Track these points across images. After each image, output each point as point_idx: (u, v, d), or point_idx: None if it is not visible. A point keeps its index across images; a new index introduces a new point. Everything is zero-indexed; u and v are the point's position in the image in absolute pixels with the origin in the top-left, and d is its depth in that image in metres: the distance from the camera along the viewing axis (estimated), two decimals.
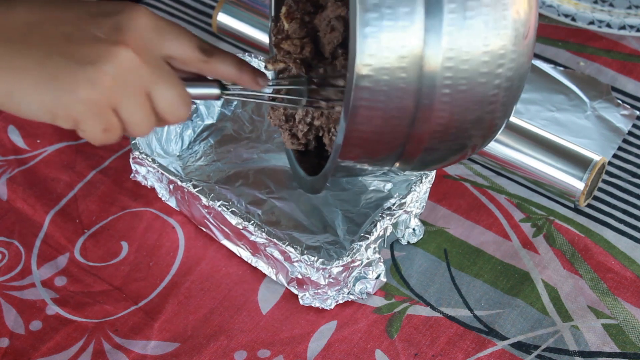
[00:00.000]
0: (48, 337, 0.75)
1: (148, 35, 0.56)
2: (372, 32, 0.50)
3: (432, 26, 0.50)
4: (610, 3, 1.01)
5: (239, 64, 0.60)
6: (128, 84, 0.55)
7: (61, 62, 0.54)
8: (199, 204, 0.77)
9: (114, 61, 0.54)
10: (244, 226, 0.74)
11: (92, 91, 0.54)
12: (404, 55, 0.51)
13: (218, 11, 0.96)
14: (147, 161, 0.79)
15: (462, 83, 0.52)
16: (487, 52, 0.52)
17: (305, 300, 0.75)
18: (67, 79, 0.54)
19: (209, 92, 0.61)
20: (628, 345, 0.74)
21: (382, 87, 0.51)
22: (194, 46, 0.58)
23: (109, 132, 0.57)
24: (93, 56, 0.54)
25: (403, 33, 0.50)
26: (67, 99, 0.54)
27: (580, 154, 0.81)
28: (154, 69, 0.56)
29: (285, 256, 0.73)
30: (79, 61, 0.54)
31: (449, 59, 0.51)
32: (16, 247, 0.81)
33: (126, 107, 0.56)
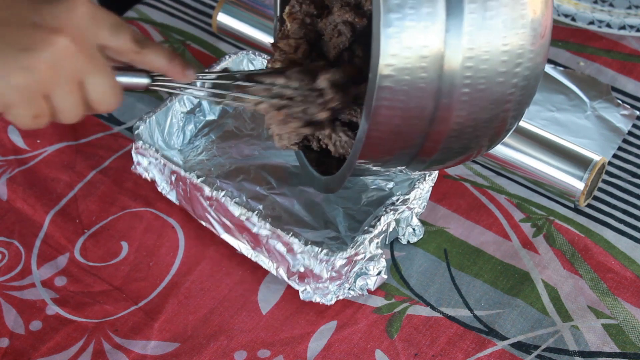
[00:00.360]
0: (48, 337, 0.75)
1: (85, 24, 0.56)
2: (395, 32, 0.50)
3: (453, 26, 0.51)
4: (610, 3, 1.01)
5: (169, 56, 0.61)
6: (62, 72, 0.55)
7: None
8: (201, 196, 0.77)
9: (50, 49, 0.54)
10: (248, 217, 0.73)
11: (25, 78, 0.54)
12: (425, 55, 0.51)
13: (218, 11, 0.96)
14: (150, 152, 0.79)
15: (481, 82, 0.53)
16: (506, 52, 0.52)
17: (306, 295, 0.75)
18: (1, 65, 0.54)
19: (138, 82, 0.62)
20: (628, 345, 0.74)
21: (403, 87, 0.52)
22: (128, 37, 0.58)
23: (38, 118, 0.57)
24: (29, 43, 0.54)
25: (424, 33, 0.51)
26: (0, 84, 0.54)
27: (580, 154, 0.81)
28: (88, 58, 0.56)
29: (288, 248, 0.73)
30: (14, 47, 0.54)
31: (469, 59, 0.52)
32: (16, 247, 0.81)
33: (58, 94, 0.56)
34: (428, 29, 0.51)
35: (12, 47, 0.54)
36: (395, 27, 0.50)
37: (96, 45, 0.57)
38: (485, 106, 0.54)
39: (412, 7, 0.50)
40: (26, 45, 0.54)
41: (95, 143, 0.89)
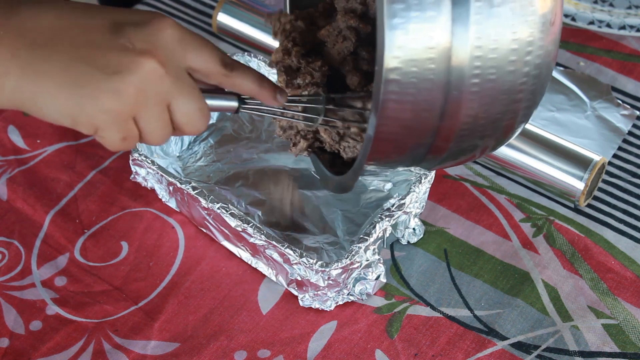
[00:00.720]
0: (48, 337, 0.75)
1: (173, 47, 0.56)
2: (400, 23, 0.49)
3: (460, 15, 0.50)
4: (610, 3, 1.01)
5: (259, 80, 0.60)
6: (150, 95, 0.55)
7: (86, 70, 0.53)
8: (199, 206, 0.77)
9: (139, 72, 0.54)
10: (243, 228, 0.74)
11: (115, 101, 0.54)
12: (432, 46, 0.50)
13: (218, 11, 0.96)
14: (147, 163, 0.79)
15: (491, 72, 0.52)
16: (515, 40, 0.51)
17: (305, 302, 0.75)
18: (91, 88, 0.54)
19: (228, 105, 0.61)
20: (628, 345, 0.74)
21: (411, 80, 0.51)
22: (216, 59, 0.58)
23: (126, 141, 0.57)
24: (118, 66, 0.54)
25: (430, 23, 0.50)
26: (90, 107, 0.54)
27: (580, 154, 0.81)
28: (176, 81, 0.56)
29: (284, 258, 0.73)
30: (104, 70, 0.54)
31: (478, 48, 0.51)
32: (16, 247, 0.81)
33: (146, 117, 0.56)
34: (434, 19, 0.50)
35: (101, 71, 0.54)
36: (400, 18, 0.49)
37: (184, 68, 0.57)
38: (496, 97, 0.53)
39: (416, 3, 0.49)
40: (115, 69, 0.54)
41: (95, 143, 0.89)
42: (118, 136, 0.56)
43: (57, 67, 0.53)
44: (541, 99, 0.57)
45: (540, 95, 0.56)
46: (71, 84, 0.53)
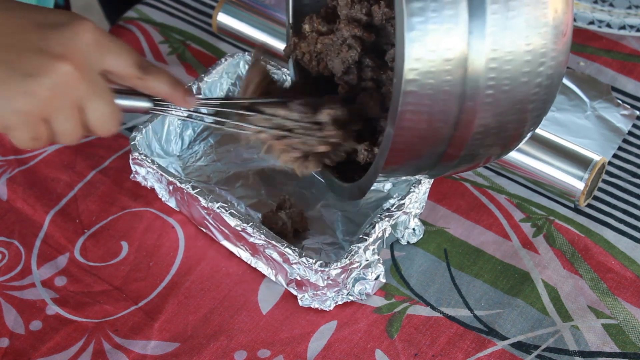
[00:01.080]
0: (48, 337, 0.75)
1: (90, 50, 0.56)
2: (418, 36, 0.50)
3: (476, 28, 0.51)
4: (610, 3, 1.01)
5: (172, 83, 0.62)
6: (63, 98, 0.56)
7: (1, 70, 0.54)
8: (198, 205, 0.77)
9: (53, 75, 0.55)
10: (243, 228, 0.74)
11: (27, 103, 0.55)
12: (449, 58, 0.51)
13: (218, 11, 0.96)
14: (147, 162, 0.79)
15: (505, 83, 0.53)
16: (529, 52, 0.52)
17: (304, 302, 0.75)
18: (5, 88, 0.54)
19: (140, 105, 0.63)
20: (628, 345, 0.74)
21: (427, 91, 0.52)
22: (132, 62, 0.59)
23: (36, 141, 0.58)
24: (33, 68, 0.55)
25: (448, 36, 0.51)
26: (2, 107, 0.55)
27: (580, 154, 0.81)
28: (90, 85, 0.57)
29: (283, 258, 0.73)
30: (19, 71, 0.54)
31: (493, 60, 0.52)
32: (16, 247, 0.81)
33: (58, 119, 0.57)
34: (451, 32, 0.51)
35: (16, 72, 0.54)
36: (418, 31, 0.50)
37: (99, 70, 0.58)
38: (509, 107, 0.54)
39: (434, 10, 0.50)
40: (29, 71, 0.55)
41: (95, 143, 0.89)
42: (27, 136, 0.57)
43: None
44: (550, 106, 0.58)
45: (550, 103, 0.57)
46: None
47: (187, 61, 0.98)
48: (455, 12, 0.51)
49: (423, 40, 0.51)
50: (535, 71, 0.53)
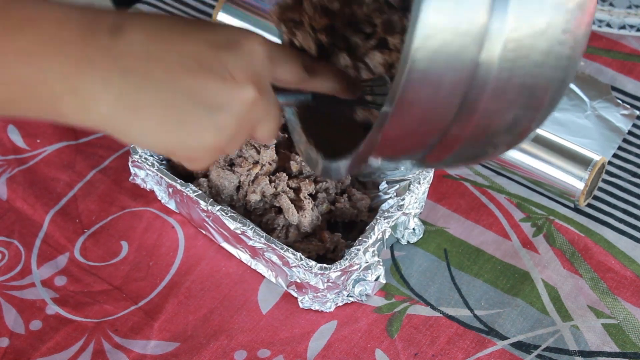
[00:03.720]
0: (48, 337, 0.75)
1: (264, 67, 0.54)
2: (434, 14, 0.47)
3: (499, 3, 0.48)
4: (610, 3, 1.01)
5: (337, 79, 0.59)
6: (245, 125, 0.53)
7: (187, 106, 0.51)
8: (198, 208, 0.77)
9: (239, 104, 0.52)
10: (243, 231, 0.74)
11: (217, 138, 0.52)
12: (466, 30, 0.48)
13: (218, 11, 0.96)
14: (146, 165, 0.79)
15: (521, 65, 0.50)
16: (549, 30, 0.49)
17: (304, 304, 0.75)
18: (194, 125, 0.51)
19: (304, 99, 0.60)
20: (628, 345, 0.74)
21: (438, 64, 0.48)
22: (299, 67, 0.57)
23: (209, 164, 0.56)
24: (220, 100, 0.51)
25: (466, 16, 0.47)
26: (191, 143, 0.52)
27: (580, 153, 0.81)
28: (267, 104, 0.54)
29: (283, 261, 0.73)
30: (206, 105, 0.51)
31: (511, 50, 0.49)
32: (16, 246, 0.81)
33: (233, 145, 0.54)
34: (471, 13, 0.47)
35: (203, 106, 0.51)
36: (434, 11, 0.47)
37: (270, 82, 0.55)
38: (521, 92, 0.51)
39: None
40: (217, 104, 0.51)
41: (95, 143, 0.89)
42: (208, 163, 0.55)
43: (156, 101, 0.51)
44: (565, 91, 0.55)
45: (565, 87, 0.54)
46: (174, 120, 0.51)
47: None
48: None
49: (441, 8, 0.47)
50: (554, 52, 0.50)
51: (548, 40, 0.50)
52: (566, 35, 0.50)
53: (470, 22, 0.48)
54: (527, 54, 0.49)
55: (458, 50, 0.48)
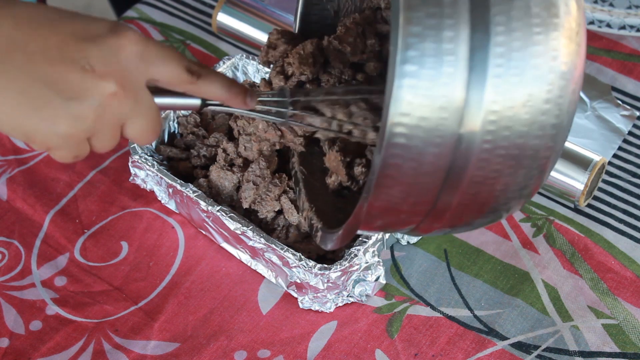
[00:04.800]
0: (48, 337, 0.75)
1: (134, 64, 0.54)
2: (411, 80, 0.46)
3: (476, 78, 0.47)
4: (610, 3, 1.01)
5: (226, 86, 0.59)
6: (107, 118, 0.54)
7: (44, 92, 0.52)
8: (198, 208, 0.77)
9: (97, 96, 0.53)
10: (243, 231, 0.74)
11: (72, 127, 0.53)
12: (443, 106, 0.47)
13: (218, 11, 0.96)
14: (147, 165, 0.79)
15: (504, 136, 0.48)
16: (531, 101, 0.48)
17: (304, 304, 0.75)
18: (49, 112, 0.53)
19: (190, 104, 0.60)
20: (628, 345, 0.74)
21: (416, 142, 0.48)
22: (180, 69, 0.57)
23: (77, 158, 0.57)
24: (77, 90, 0.53)
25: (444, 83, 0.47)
26: (47, 130, 0.53)
27: (580, 154, 0.81)
28: (133, 101, 0.55)
29: (283, 261, 0.73)
30: (63, 94, 0.52)
31: (492, 113, 0.48)
32: (16, 247, 0.81)
33: (99, 137, 0.55)
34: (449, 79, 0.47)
35: (60, 95, 0.52)
36: (411, 77, 0.46)
37: (145, 82, 0.55)
38: (506, 161, 0.50)
39: (431, 56, 0.46)
40: (74, 93, 0.53)
41: None
42: (70, 155, 0.56)
43: (14, 85, 0.52)
44: (557, 158, 0.53)
45: (557, 154, 0.52)
46: (29, 106, 0.52)
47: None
48: (454, 59, 0.47)
49: (416, 85, 0.46)
50: (538, 121, 0.49)
51: (530, 111, 0.49)
52: (549, 104, 0.49)
53: (448, 97, 0.47)
54: (509, 125, 0.49)
55: (437, 125, 0.48)
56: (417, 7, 0.46)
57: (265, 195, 0.75)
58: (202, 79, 0.58)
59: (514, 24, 0.47)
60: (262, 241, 0.73)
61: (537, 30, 0.48)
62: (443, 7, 0.47)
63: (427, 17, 0.46)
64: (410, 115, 0.47)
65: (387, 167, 0.48)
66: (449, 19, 0.47)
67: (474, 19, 0.47)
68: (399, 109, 0.47)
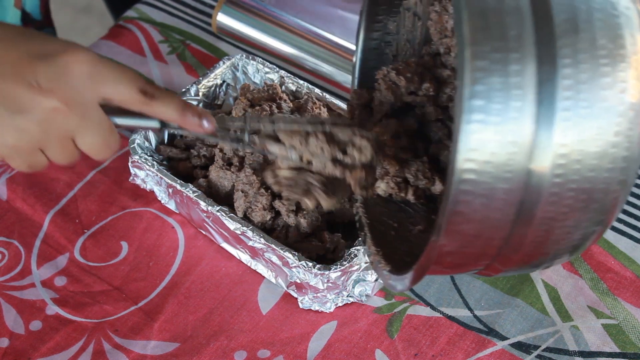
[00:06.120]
0: (48, 337, 0.75)
1: (81, 83, 0.57)
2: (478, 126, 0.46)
3: (544, 121, 0.47)
4: None
5: (181, 109, 0.60)
6: (53, 132, 0.57)
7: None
8: (198, 208, 0.77)
9: (39, 111, 0.56)
10: (242, 231, 0.74)
11: (17, 139, 0.57)
12: (513, 140, 0.47)
13: (218, 11, 0.96)
14: (146, 165, 0.79)
15: (573, 179, 0.48)
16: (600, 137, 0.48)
17: (304, 304, 0.75)
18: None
19: (149, 125, 0.62)
20: (628, 345, 0.74)
21: (484, 187, 0.47)
22: (133, 89, 0.58)
23: (33, 167, 0.60)
24: (21, 104, 0.56)
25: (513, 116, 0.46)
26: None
27: None
28: (81, 118, 0.57)
29: (283, 261, 0.73)
30: (9, 107, 0.56)
31: (561, 156, 0.47)
32: (16, 247, 0.81)
33: (51, 149, 0.59)
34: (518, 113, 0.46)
35: (6, 108, 0.56)
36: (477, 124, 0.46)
37: (96, 100, 0.58)
38: (579, 196, 0.49)
39: (499, 90, 0.46)
40: (18, 107, 0.56)
41: None
42: (24, 164, 0.60)
43: None
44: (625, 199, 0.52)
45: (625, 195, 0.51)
46: None
47: (187, 61, 0.98)
48: (522, 93, 0.46)
49: (484, 120, 0.46)
50: (609, 154, 0.48)
51: (600, 144, 0.48)
52: (619, 137, 0.48)
53: (517, 131, 0.46)
54: (579, 158, 0.48)
55: (507, 159, 0.47)
56: (483, 41, 0.46)
57: (254, 205, 0.75)
58: (155, 100, 0.59)
59: (580, 56, 0.47)
60: (261, 241, 0.73)
61: (604, 62, 0.47)
62: (508, 41, 0.46)
63: (493, 51, 0.46)
64: (480, 151, 0.46)
65: (457, 203, 0.48)
66: (514, 52, 0.46)
67: (540, 52, 0.46)
68: (468, 144, 0.46)
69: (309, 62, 0.93)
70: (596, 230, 0.52)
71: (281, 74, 0.86)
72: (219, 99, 0.88)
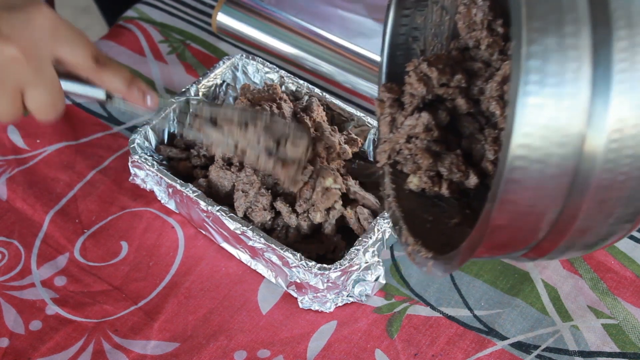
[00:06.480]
0: (48, 337, 0.75)
1: (41, 36, 0.57)
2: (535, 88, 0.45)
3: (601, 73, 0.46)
4: None
5: (128, 81, 0.62)
6: (5, 79, 0.57)
7: None
8: (198, 208, 0.77)
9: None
10: (242, 231, 0.74)
11: None
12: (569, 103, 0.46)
13: (218, 11, 0.96)
14: (146, 165, 0.79)
15: (625, 164, 0.47)
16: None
17: (304, 304, 0.75)
18: None
19: (94, 95, 0.63)
20: (628, 345, 0.74)
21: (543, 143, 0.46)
22: (87, 54, 0.59)
23: None
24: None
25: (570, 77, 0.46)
26: None
27: None
28: (34, 70, 0.57)
29: (283, 261, 0.73)
30: None
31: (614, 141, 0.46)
32: (16, 247, 0.81)
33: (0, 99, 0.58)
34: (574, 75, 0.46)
35: None
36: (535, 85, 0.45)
37: (50, 58, 0.58)
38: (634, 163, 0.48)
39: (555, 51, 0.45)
40: None
41: (95, 143, 0.89)
42: None
43: None
44: None
45: None
46: None
47: (187, 61, 0.98)
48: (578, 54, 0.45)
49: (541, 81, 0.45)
50: None
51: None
52: None
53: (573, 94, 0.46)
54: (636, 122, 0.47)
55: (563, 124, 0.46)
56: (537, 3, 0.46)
57: (254, 205, 0.75)
58: (106, 69, 0.60)
59: (634, 18, 0.46)
60: (261, 241, 0.73)
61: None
62: (562, 1, 0.46)
63: (548, 12, 0.46)
64: (537, 115, 0.46)
65: (513, 170, 0.47)
66: (569, 13, 0.46)
67: (594, 14, 0.46)
68: (525, 108, 0.46)
69: (309, 62, 0.93)
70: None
71: (281, 74, 0.86)
72: (219, 99, 0.88)
